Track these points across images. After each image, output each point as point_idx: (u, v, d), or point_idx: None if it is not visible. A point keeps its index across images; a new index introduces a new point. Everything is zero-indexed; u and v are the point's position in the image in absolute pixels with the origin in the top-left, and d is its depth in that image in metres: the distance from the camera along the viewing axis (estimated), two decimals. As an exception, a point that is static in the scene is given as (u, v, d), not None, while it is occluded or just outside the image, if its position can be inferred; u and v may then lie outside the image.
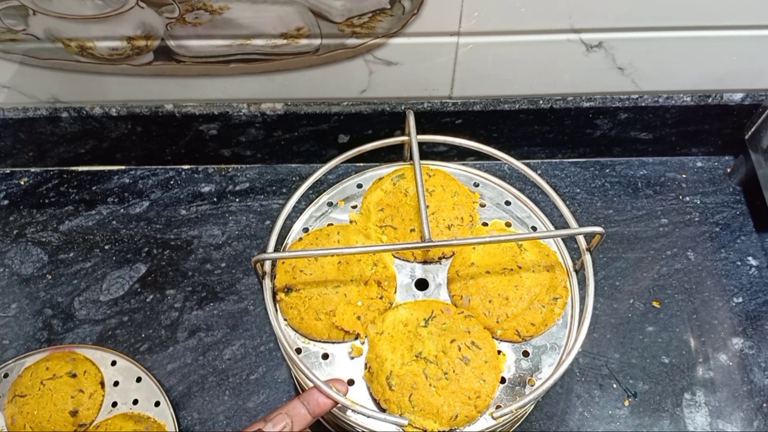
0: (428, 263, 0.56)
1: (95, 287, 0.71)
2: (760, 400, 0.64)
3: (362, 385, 0.51)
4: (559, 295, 0.53)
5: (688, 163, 0.80)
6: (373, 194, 0.58)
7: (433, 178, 0.58)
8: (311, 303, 0.52)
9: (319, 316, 0.52)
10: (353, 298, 0.52)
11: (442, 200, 0.57)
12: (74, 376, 0.63)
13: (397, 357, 0.49)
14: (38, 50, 0.65)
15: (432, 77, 0.69)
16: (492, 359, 0.50)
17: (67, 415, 0.61)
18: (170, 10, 0.61)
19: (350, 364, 0.52)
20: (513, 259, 0.54)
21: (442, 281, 0.55)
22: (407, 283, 0.55)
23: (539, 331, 0.52)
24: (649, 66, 0.68)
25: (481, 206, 0.59)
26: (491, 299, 0.52)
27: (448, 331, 0.50)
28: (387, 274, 0.54)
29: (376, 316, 0.52)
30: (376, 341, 0.51)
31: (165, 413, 0.62)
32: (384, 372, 0.49)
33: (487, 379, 0.49)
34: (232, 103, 0.72)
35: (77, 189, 0.78)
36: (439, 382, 0.48)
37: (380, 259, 0.55)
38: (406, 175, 0.58)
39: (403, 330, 0.51)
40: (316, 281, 0.53)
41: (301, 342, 0.53)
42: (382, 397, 0.49)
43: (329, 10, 0.61)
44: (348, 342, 0.52)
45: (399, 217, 0.56)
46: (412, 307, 0.53)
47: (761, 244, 0.73)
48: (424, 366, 0.49)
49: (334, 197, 0.60)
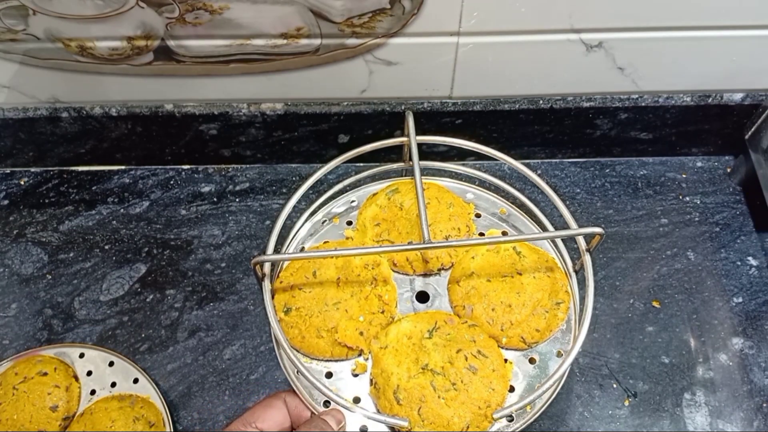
0: (428, 275, 0.56)
1: (95, 287, 0.71)
2: (760, 400, 0.64)
3: (369, 402, 0.50)
4: (562, 299, 0.53)
5: (688, 163, 0.80)
6: (368, 210, 0.58)
7: (427, 191, 0.58)
8: (312, 321, 0.51)
9: (321, 334, 0.51)
10: (354, 313, 0.52)
11: (438, 212, 0.56)
12: (45, 374, 0.62)
13: (403, 370, 0.48)
14: (38, 50, 0.65)
15: (432, 77, 0.69)
16: (499, 367, 0.49)
17: (48, 411, 0.61)
18: (170, 10, 0.61)
19: (355, 381, 0.51)
20: (512, 266, 0.54)
21: (443, 293, 0.55)
22: (408, 297, 0.54)
23: (544, 336, 0.52)
24: (649, 66, 0.68)
25: (476, 217, 0.59)
26: (494, 307, 0.52)
27: (453, 341, 0.49)
28: (387, 288, 0.54)
29: (378, 331, 0.52)
30: (381, 356, 0.50)
31: (146, 387, 0.63)
32: (391, 386, 0.48)
33: (496, 387, 0.48)
34: (232, 103, 0.72)
35: (77, 189, 0.78)
36: (448, 394, 0.47)
37: (379, 273, 0.54)
38: (400, 189, 0.58)
39: (407, 343, 0.50)
40: (316, 299, 0.52)
41: (303, 362, 0.52)
42: (391, 413, 0.48)
43: (329, 10, 0.61)
44: (351, 359, 0.52)
45: (395, 230, 0.56)
46: (415, 319, 0.52)
47: (761, 244, 0.73)
48: (431, 378, 0.48)
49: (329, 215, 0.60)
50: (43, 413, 0.61)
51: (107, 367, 0.64)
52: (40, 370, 0.63)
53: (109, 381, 0.64)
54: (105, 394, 0.63)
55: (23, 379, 0.62)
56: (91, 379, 0.64)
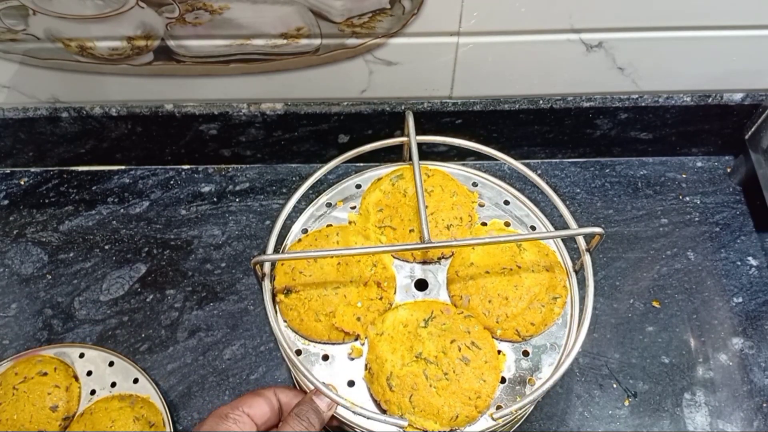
0: (428, 263, 0.56)
1: (95, 287, 0.71)
2: (760, 400, 0.64)
3: (362, 386, 0.51)
4: (559, 294, 0.53)
5: (688, 163, 0.80)
6: (371, 195, 0.58)
7: (431, 178, 0.58)
8: (311, 304, 0.52)
9: (319, 318, 0.52)
10: (353, 299, 0.52)
11: (441, 200, 0.57)
12: (45, 374, 0.62)
13: (397, 358, 0.49)
14: (38, 50, 0.65)
15: (432, 77, 0.69)
16: (492, 359, 0.50)
17: (49, 411, 0.61)
18: (170, 10, 0.61)
19: (350, 365, 0.52)
20: (512, 259, 0.54)
21: (442, 281, 0.55)
22: (407, 284, 0.55)
23: (539, 330, 0.52)
24: (649, 66, 0.68)
25: (480, 206, 0.59)
26: (491, 299, 0.52)
27: (448, 331, 0.50)
28: (386, 275, 0.54)
29: (375, 317, 0.52)
30: (376, 342, 0.51)
31: (146, 387, 0.63)
32: (384, 373, 0.49)
33: (488, 379, 0.49)
34: (232, 103, 0.72)
35: (77, 189, 0.78)
36: (440, 383, 0.48)
37: (379, 259, 0.55)
38: (404, 176, 0.58)
39: (403, 331, 0.51)
40: (316, 282, 0.53)
41: (301, 344, 0.53)
42: (383, 398, 0.49)
43: (329, 10, 0.61)
44: (348, 343, 0.52)
45: (398, 217, 0.56)
46: (412, 307, 0.52)
47: (761, 244, 0.73)
48: (424, 367, 0.49)
49: (333, 198, 0.60)
50: (43, 413, 0.61)
51: (107, 367, 0.64)
52: (40, 370, 0.63)
53: (109, 381, 0.64)
54: (105, 394, 0.63)
55: (23, 379, 0.62)
56: (91, 379, 0.64)
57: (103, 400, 0.62)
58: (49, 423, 0.61)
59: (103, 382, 0.63)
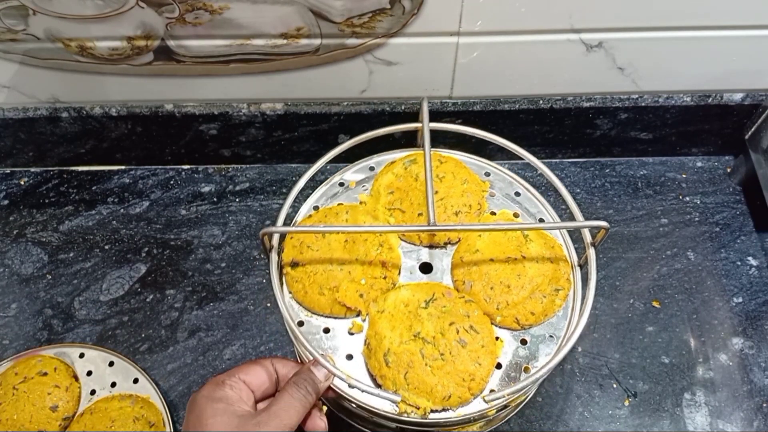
0: (434, 248, 0.57)
1: (95, 287, 0.71)
2: (760, 400, 0.64)
3: (360, 360, 0.52)
4: (561, 286, 0.53)
5: (688, 163, 0.80)
6: (384, 177, 0.59)
7: (444, 164, 0.59)
8: (316, 278, 0.53)
9: (323, 291, 0.53)
10: (357, 276, 0.53)
11: (451, 187, 0.57)
12: (45, 374, 0.62)
13: (395, 335, 0.50)
14: (38, 50, 0.65)
15: (432, 77, 0.69)
16: (489, 344, 0.51)
17: (49, 411, 0.61)
18: (170, 10, 0.61)
19: (350, 339, 0.53)
20: (518, 249, 0.54)
21: (447, 267, 0.56)
22: (412, 266, 0.56)
23: (539, 320, 0.53)
24: (649, 66, 0.68)
25: (490, 196, 0.59)
26: (493, 286, 0.53)
27: (448, 314, 0.51)
28: (392, 256, 0.55)
29: (378, 295, 0.53)
30: (377, 319, 0.52)
31: (146, 387, 0.63)
32: (382, 349, 0.50)
33: (483, 363, 0.50)
34: (232, 103, 0.72)
35: (77, 189, 0.78)
36: (435, 362, 0.49)
37: (386, 240, 0.55)
38: (417, 160, 0.59)
39: (403, 310, 0.52)
40: (322, 258, 0.54)
41: (303, 315, 0.54)
42: (379, 373, 0.50)
43: (329, 10, 0.61)
44: (349, 318, 0.53)
45: (408, 200, 0.57)
46: (415, 288, 0.53)
47: (761, 244, 0.73)
48: (421, 346, 0.50)
49: (346, 178, 0.61)
50: (43, 413, 0.61)
51: (107, 367, 0.64)
52: (40, 370, 0.63)
53: (109, 381, 0.64)
54: (105, 394, 0.63)
55: (23, 379, 0.62)
56: (91, 379, 0.64)
57: (103, 400, 0.62)
58: (49, 423, 0.61)
59: (103, 382, 0.63)
